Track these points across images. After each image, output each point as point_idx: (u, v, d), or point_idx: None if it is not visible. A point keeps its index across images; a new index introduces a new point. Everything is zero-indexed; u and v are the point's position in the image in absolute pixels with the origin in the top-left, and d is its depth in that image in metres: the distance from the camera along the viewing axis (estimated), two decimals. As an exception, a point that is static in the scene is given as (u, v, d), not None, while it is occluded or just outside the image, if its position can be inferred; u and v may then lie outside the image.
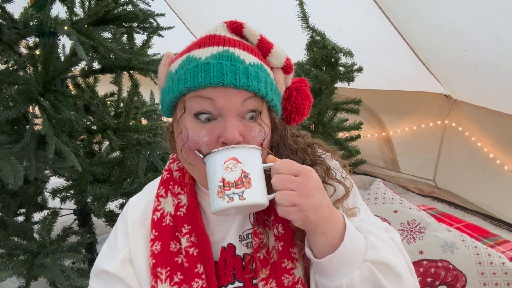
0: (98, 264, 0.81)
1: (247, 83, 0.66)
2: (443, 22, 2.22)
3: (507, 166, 2.72)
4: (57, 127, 1.49)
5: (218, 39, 0.70)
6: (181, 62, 0.71)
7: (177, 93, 0.69)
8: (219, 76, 0.65)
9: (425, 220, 1.70)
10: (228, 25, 0.73)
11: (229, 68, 0.66)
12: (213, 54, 0.67)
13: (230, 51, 0.68)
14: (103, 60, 1.80)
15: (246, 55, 0.69)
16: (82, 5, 1.64)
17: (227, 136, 0.65)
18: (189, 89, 0.67)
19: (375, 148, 3.82)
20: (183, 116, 0.70)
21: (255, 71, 0.68)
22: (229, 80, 0.65)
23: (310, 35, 2.22)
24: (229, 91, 0.66)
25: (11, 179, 1.28)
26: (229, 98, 0.66)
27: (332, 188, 0.80)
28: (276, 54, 0.73)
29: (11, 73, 1.46)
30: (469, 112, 3.01)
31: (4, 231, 1.62)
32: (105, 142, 2.11)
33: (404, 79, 3.30)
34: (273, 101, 0.71)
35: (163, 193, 0.84)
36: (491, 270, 1.45)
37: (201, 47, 0.69)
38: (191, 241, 0.76)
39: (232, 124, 0.66)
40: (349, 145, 2.35)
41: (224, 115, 0.67)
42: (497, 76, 2.36)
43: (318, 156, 0.83)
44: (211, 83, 0.65)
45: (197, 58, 0.68)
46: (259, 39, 0.72)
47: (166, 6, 3.94)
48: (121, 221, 0.85)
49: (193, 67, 0.67)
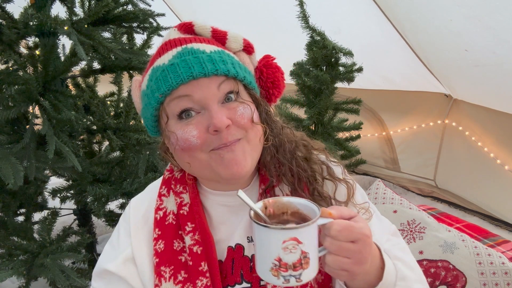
0: (100, 264, 0.81)
1: (214, 68, 0.67)
2: (442, 23, 2.22)
3: (508, 165, 2.72)
4: (57, 127, 1.49)
5: (174, 42, 0.72)
6: (149, 77, 0.72)
7: (155, 104, 0.70)
8: (186, 70, 0.66)
9: (425, 220, 1.70)
10: (179, 28, 0.75)
11: (193, 60, 0.67)
12: (174, 55, 0.69)
13: (189, 47, 0.70)
14: (103, 60, 1.80)
15: (205, 46, 0.71)
16: (82, 5, 1.64)
17: (215, 123, 0.66)
18: (164, 94, 0.68)
19: (375, 147, 3.82)
20: (168, 123, 0.71)
21: (219, 56, 0.70)
22: (198, 71, 0.66)
23: (310, 35, 2.22)
24: (202, 81, 0.67)
25: (11, 179, 1.28)
26: (203, 88, 0.67)
27: (332, 184, 0.81)
28: (233, 38, 0.74)
29: (11, 73, 1.46)
30: (469, 111, 3.01)
31: (4, 231, 1.62)
32: (105, 142, 2.12)
33: (404, 78, 3.30)
34: (246, 78, 0.72)
35: (165, 192, 0.84)
36: (491, 270, 1.45)
37: (161, 55, 0.71)
38: (195, 239, 0.76)
39: (216, 111, 0.67)
40: (349, 145, 2.35)
41: (206, 106, 0.68)
42: (497, 75, 2.36)
43: (312, 152, 0.84)
44: (182, 79, 0.66)
45: (161, 65, 0.69)
46: (211, 31, 0.74)
47: (166, 6, 3.95)
48: (123, 221, 0.85)
49: (160, 73, 0.69)
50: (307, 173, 0.80)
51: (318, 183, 0.80)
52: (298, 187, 0.79)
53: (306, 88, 2.30)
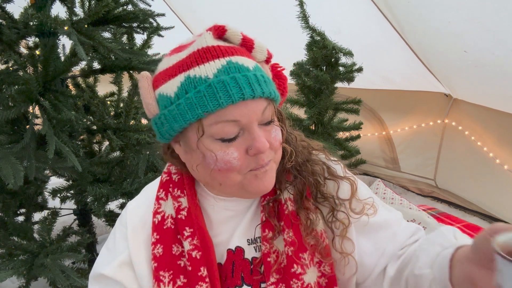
0: (96, 268, 0.80)
1: (261, 90, 0.64)
2: (441, 24, 2.22)
3: (507, 165, 2.72)
4: (57, 127, 1.49)
5: (214, 50, 0.65)
6: (181, 85, 0.65)
7: (192, 120, 0.64)
8: (237, 91, 0.62)
9: (425, 220, 1.71)
10: (213, 32, 0.68)
11: (243, 80, 0.63)
12: (220, 69, 0.63)
13: (233, 62, 0.65)
14: (103, 60, 1.80)
15: (244, 60, 0.66)
16: (82, 5, 1.64)
17: (259, 147, 0.65)
18: (209, 113, 0.63)
19: (375, 147, 3.83)
20: (203, 140, 0.66)
21: (261, 75, 0.66)
22: (248, 93, 0.63)
23: (310, 35, 2.22)
24: (249, 104, 0.64)
25: (11, 179, 1.28)
26: (250, 112, 0.64)
27: (334, 183, 0.80)
28: (259, 48, 0.71)
29: (11, 73, 1.46)
30: (469, 111, 3.01)
31: (4, 231, 1.62)
32: (105, 142, 2.12)
33: (404, 78, 3.30)
34: (277, 98, 0.71)
35: (163, 196, 0.82)
36: (491, 270, 1.45)
37: (200, 64, 0.64)
38: (193, 244, 0.75)
39: (259, 134, 0.65)
40: (349, 145, 2.35)
41: (248, 127, 0.66)
42: (496, 76, 2.36)
43: (311, 153, 0.84)
44: (232, 101, 0.62)
45: (204, 77, 0.63)
46: (241, 38, 0.70)
47: (166, 6, 3.95)
48: (119, 225, 0.84)
49: (205, 89, 0.62)
50: (313, 178, 0.79)
51: (320, 185, 0.80)
52: (303, 194, 0.78)
53: (306, 88, 2.30)
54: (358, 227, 0.80)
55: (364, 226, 0.80)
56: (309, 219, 0.77)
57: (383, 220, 0.81)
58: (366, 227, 0.80)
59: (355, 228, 0.79)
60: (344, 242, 0.77)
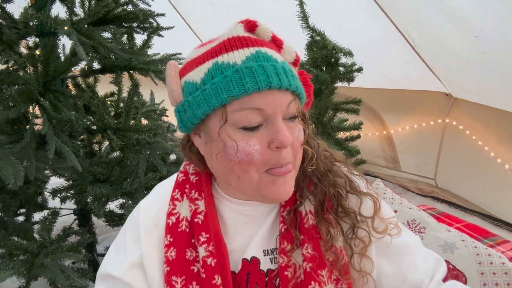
0: (104, 267, 0.78)
1: (288, 82, 0.63)
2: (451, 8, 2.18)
3: (508, 164, 2.72)
4: (57, 127, 1.49)
5: (244, 40, 0.65)
6: (208, 71, 0.65)
7: (216, 105, 0.63)
8: (264, 79, 0.61)
9: (425, 220, 1.70)
10: (245, 25, 0.68)
11: (271, 69, 0.62)
12: (248, 57, 0.63)
13: (263, 51, 0.64)
14: (103, 60, 1.80)
15: (274, 53, 0.66)
16: (82, 5, 1.64)
17: (282, 140, 0.63)
18: (233, 98, 0.62)
19: (376, 146, 3.83)
20: (226, 128, 0.65)
21: (289, 69, 0.66)
22: (275, 82, 0.62)
23: (310, 35, 2.22)
24: (275, 94, 0.63)
25: (11, 179, 1.28)
26: (276, 103, 0.63)
27: (357, 199, 0.78)
28: (288, 49, 0.70)
29: (11, 73, 1.46)
30: (469, 110, 3.01)
31: (4, 231, 1.62)
32: (105, 142, 2.11)
33: (405, 77, 3.30)
34: (303, 98, 0.70)
35: (178, 197, 0.79)
36: (491, 270, 1.45)
37: (229, 51, 0.64)
38: (209, 251, 0.72)
39: (283, 127, 0.64)
40: (349, 145, 2.35)
41: (272, 119, 0.64)
42: (503, 66, 2.33)
43: (334, 164, 0.81)
44: (259, 87, 0.61)
45: (232, 63, 0.63)
46: (271, 36, 0.69)
47: (167, 4, 3.94)
48: (130, 225, 0.81)
49: (233, 74, 0.62)
50: (334, 190, 0.77)
51: (342, 198, 0.77)
52: (323, 205, 0.76)
53: (306, 88, 2.29)
54: (380, 247, 0.77)
55: (386, 247, 0.77)
56: (330, 233, 0.74)
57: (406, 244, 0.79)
58: (388, 249, 0.77)
59: (376, 247, 0.77)
60: (363, 260, 0.75)
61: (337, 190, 0.77)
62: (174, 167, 2.00)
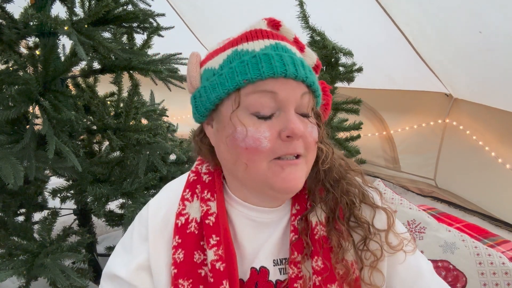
0: (111, 267, 0.77)
1: (305, 74, 0.64)
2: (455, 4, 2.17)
3: (509, 164, 2.72)
4: (57, 127, 1.49)
5: (266, 33, 0.67)
6: (227, 57, 0.66)
7: (231, 88, 0.64)
8: (281, 66, 0.62)
9: (425, 220, 1.70)
10: (268, 22, 0.70)
11: (288, 59, 0.63)
12: (267, 46, 0.64)
13: (282, 44, 0.66)
14: (103, 60, 1.79)
15: (293, 48, 0.68)
16: (82, 5, 1.64)
17: (293, 128, 0.63)
18: (248, 81, 0.63)
19: (376, 146, 3.83)
20: (238, 112, 0.65)
21: (307, 65, 0.67)
22: (291, 71, 0.62)
23: (310, 35, 2.22)
24: (290, 82, 0.64)
25: (11, 179, 1.28)
26: (289, 90, 0.64)
27: (371, 210, 0.76)
28: (309, 54, 0.71)
29: (11, 73, 1.46)
30: (470, 110, 3.01)
31: (4, 231, 1.62)
32: (105, 142, 2.11)
33: (405, 77, 3.30)
34: (320, 96, 0.71)
35: (188, 197, 0.77)
36: (491, 270, 1.45)
37: (249, 41, 0.66)
38: (218, 255, 0.70)
39: (295, 117, 0.64)
40: (349, 145, 2.35)
41: (284, 108, 0.64)
42: (507, 63, 2.33)
43: (348, 173, 0.79)
44: (274, 73, 0.62)
45: (250, 50, 0.64)
46: (294, 37, 0.71)
47: (167, 5, 3.94)
48: (139, 224, 0.79)
49: (250, 59, 0.63)
50: (347, 198, 0.75)
51: (355, 207, 0.75)
52: (335, 212, 0.74)
53: (306, 88, 2.30)
54: (392, 264, 0.75)
55: (399, 264, 0.75)
56: (341, 245, 0.72)
57: (419, 267, 0.77)
58: (401, 267, 0.75)
59: (388, 263, 0.75)
60: (373, 274, 0.73)
61: (350, 199, 0.75)
62: (174, 167, 2.00)
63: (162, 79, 1.89)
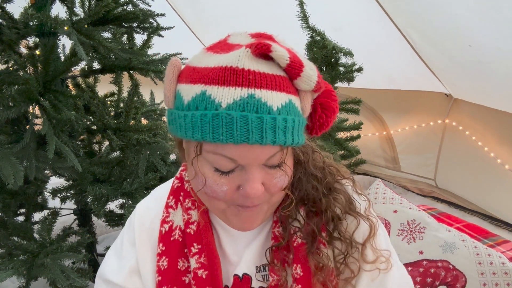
0: (104, 271, 0.78)
1: (273, 138, 0.56)
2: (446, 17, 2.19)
3: (508, 165, 2.72)
4: (57, 127, 1.49)
5: (242, 77, 0.56)
6: (195, 96, 0.58)
7: (191, 138, 0.59)
8: (243, 134, 0.55)
9: (425, 220, 1.70)
10: (253, 51, 0.57)
11: (255, 123, 0.55)
12: (236, 101, 0.55)
13: (256, 97, 0.55)
14: (103, 60, 1.80)
15: (273, 96, 0.57)
16: (82, 5, 1.64)
17: (249, 192, 0.59)
18: (207, 141, 0.57)
19: (376, 146, 3.83)
20: (199, 160, 0.61)
21: (283, 119, 0.57)
22: (255, 139, 0.55)
23: (310, 35, 2.22)
24: (254, 148, 0.57)
25: (11, 179, 1.28)
26: (252, 157, 0.58)
27: (355, 221, 0.73)
28: (306, 78, 0.59)
29: (11, 73, 1.46)
30: (469, 111, 3.01)
31: (4, 231, 1.62)
32: (105, 142, 2.11)
33: (405, 77, 3.30)
34: (298, 143, 0.61)
35: (172, 204, 0.77)
36: (491, 270, 1.45)
37: (220, 85, 0.56)
38: (200, 262, 0.71)
39: (254, 178, 0.59)
40: (349, 145, 2.35)
41: (246, 167, 0.59)
42: (498, 74, 2.34)
43: (338, 181, 0.77)
44: (234, 141, 0.55)
45: (216, 103, 0.55)
46: (288, 63, 0.58)
47: (167, 5, 3.94)
48: (128, 228, 0.80)
49: (212, 117, 0.55)
50: (331, 212, 0.72)
51: (339, 221, 0.73)
52: (317, 225, 0.72)
53: (306, 88, 2.30)
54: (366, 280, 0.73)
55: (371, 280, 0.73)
56: (321, 253, 0.71)
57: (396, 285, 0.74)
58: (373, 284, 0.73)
59: (364, 277, 0.73)
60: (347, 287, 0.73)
61: (336, 214, 0.73)
62: (174, 167, 2.00)
63: (162, 79, 1.89)
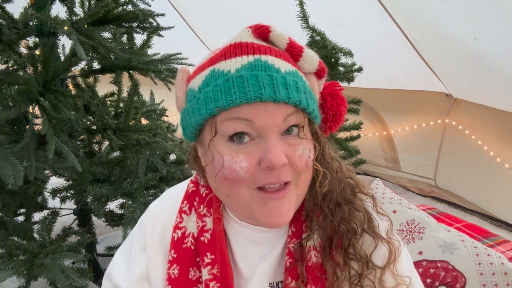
0: (113, 275, 0.76)
1: (287, 95, 0.56)
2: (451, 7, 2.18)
3: (508, 164, 2.72)
4: (57, 127, 1.49)
5: (246, 46, 0.59)
6: (205, 78, 0.60)
7: (206, 115, 0.58)
8: (255, 90, 0.55)
9: (425, 220, 1.70)
10: (253, 30, 0.62)
11: (266, 79, 0.56)
12: (244, 65, 0.57)
13: (263, 60, 0.58)
14: (103, 60, 1.80)
15: (280, 62, 0.59)
16: (82, 5, 1.64)
17: (271, 159, 0.56)
18: (221, 108, 0.56)
19: (376, 146, 3.83)
20: (214, 140, 0.60)
21: (293, 80, 0.58)
22: (268, 94, 0.55)
23: (310, 35, 2.22)
24: (268, 106, 0.56)
25: (11, 179, 1.28)
26: (268, 116, 0.56)
27: (372, 241, 0.68)
28: (308, 58, 0.62)
29: (11, 73, 1.46)
30: (469, 110, 3.01)
31: (4, 231, 1.62)
32: (105, 142, 2.12)
33: (405, 77, 3.30)
34: (314, 112, 0.61)
35: (186, 209, 0.74)
36: (491, 271, 1.45)
37: (227, 58, 0.59)
38: (213, 274, 0.68)
39: (275, 145, 0.57)
40: (349, 145, 2.35)
41: (265, 135, 0.58)
42: (503, 69, 2.33)
43: (356, 195, 0.72)
44: (248, 99, 0.55)
45: (226, 71, 0.58)
46: (288, 43, 0.62)
47: (167, 4, 3.93)
48: (139, 232, 0.77)
49: (223, 82, 0.57)
50: (347, 225, 0.68)
51: (356, 238, 0.68)
52: (332, 240, 0.68)
53: (306, 88, 2.30)
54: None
55: None
56: (336, 276, 0.67)
57: None
58: None
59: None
60: None
61: (352, 227, 0.68)
62: (174, 167, 2.01)
63: (162, 79, 1.89)
